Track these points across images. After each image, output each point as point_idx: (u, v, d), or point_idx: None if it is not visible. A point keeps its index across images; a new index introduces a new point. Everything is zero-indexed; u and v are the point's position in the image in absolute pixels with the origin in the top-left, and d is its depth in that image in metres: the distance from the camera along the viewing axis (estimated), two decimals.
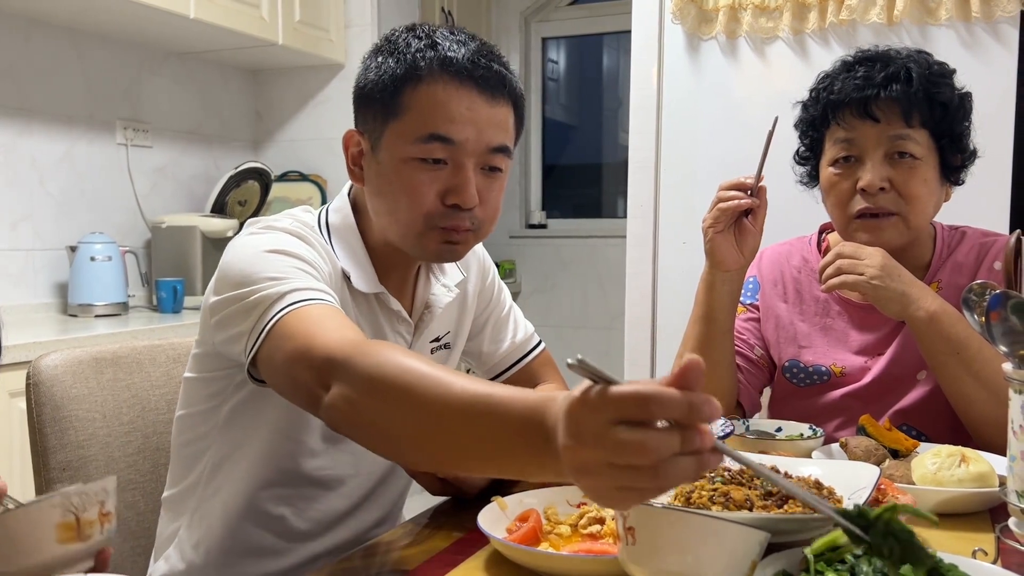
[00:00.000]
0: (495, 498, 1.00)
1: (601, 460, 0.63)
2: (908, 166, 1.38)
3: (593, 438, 0.63)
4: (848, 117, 1.41)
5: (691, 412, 0.62)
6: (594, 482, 0.65)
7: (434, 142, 1.09)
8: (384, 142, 1.12)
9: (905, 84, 1.37)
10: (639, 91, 2.69)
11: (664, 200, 2.67)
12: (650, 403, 0.62)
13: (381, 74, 1.11)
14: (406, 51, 1.11)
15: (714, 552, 0.74)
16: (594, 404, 0.64)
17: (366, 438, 0.89)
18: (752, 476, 0.98)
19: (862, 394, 1.47)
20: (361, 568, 0.93)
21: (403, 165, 1.10)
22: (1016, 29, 2.26)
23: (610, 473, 0.63)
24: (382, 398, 0.84)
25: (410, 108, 1.09)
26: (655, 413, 0.62)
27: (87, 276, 2.71)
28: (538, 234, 4.63)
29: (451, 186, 1.11)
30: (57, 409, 1.27)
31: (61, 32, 2.82)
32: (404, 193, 1.11)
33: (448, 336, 1.32)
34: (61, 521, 0.71)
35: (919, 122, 1.38)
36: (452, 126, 1.09)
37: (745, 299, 1.59)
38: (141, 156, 3.12)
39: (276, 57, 3.37)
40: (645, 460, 0.61)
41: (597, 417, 0.63)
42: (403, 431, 0.84)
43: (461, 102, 1.09)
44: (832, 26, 2.43)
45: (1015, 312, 0.94)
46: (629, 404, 0.62)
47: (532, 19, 4.66)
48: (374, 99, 1.12)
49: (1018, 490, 0.93)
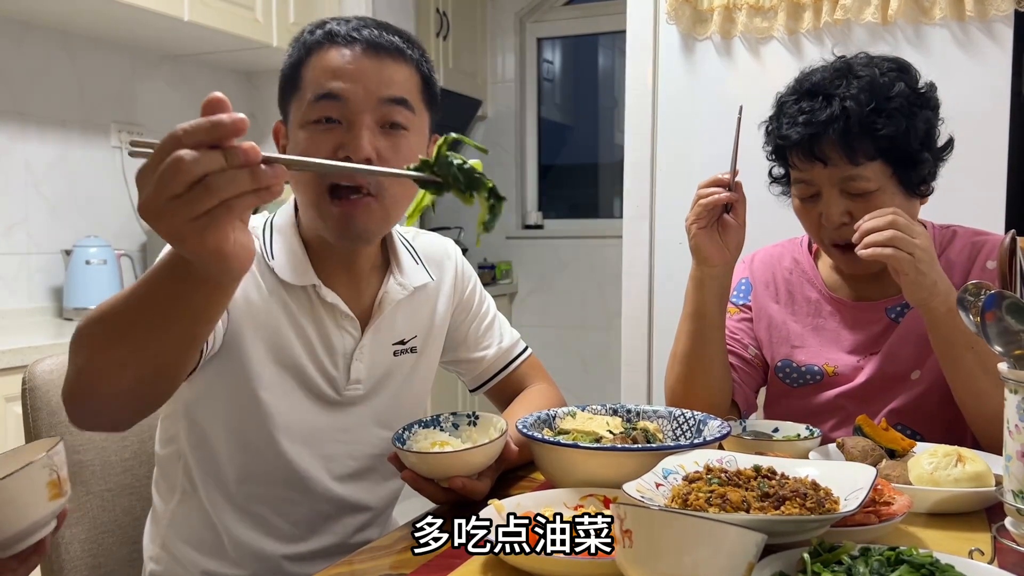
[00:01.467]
0: (492, 501, 0.99)
1: (161, 198, 0.69)
2: (865, 199, 1.37)
3: (147, 185, 0.70)
4: (797, 159, 1.42)
5: (215, 127, 0.70)
6: (169, 223, 0.70)
7: (323, 100, 1.13)
8: (290, 120, 1.18)
9: (843, 125, 1.35)
10: (634, 91, 2.69)
11: (660, 200, 2.68)
12: (176, 133, 0.69)
13: (286, 64, 1.20)
14: (300, 38, 1.20)
15: (711, 554, 0.74)
16: (147, 165, 0.71)
17: (103, 383, 0.89)
18: (749, 478, 0.98)
19: (856, 394, 1.47)
20: (357, 572, 0.93)
21: (300, 131, 1.15)
22: (1010, 28, 2.27)
23: (174, 207, 0.69)
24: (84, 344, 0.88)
25: (304, 81, 1.16)
26: (185, 142, 0.69)
27: (83, 280, 2.70)
28: (535, 235, 4.63)
29: (343, 141, 1.13)
30: (53, 414, 1.27)
31: (54, 35, 2.81)
32: (300, 155, 1.14)
33: (415, 340, 1.31)
34: (49, 479, 0.79)
35: (866, 157, 1.36)
36: (337, 83, 1.13)
37: (737, 300, 1.60)
38: (136, 159, 3.11)
39: (271, 59, 3.36)
40: (187, 175, 0.68)
41: (149, 172, 0.70)
42: (112, 349, 0.86)
43: (345, 60, 1.14)
44: (827, 25, 2.43)
45: (1010, 312, 0.94)
46: (165, 145, 0.70)
47: (527, 19, 4.66)
48: (283, 87, 1.20)
49: (1014, 490, 0.93)
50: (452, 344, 1.40)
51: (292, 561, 1.23)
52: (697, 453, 1.05)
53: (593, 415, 1.25)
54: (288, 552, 1.23)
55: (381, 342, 1.26)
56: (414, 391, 1.33)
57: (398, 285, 1.27)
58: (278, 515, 1.23)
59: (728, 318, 1.55)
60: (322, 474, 1.24)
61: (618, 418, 1.25)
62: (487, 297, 1.46)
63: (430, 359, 1.35)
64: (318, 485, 1.24)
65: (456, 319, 1.40)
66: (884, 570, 0.75)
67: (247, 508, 1.21)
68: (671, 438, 1.21)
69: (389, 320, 1.26)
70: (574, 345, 4.49)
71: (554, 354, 4.39)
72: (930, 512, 1.07)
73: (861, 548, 0.80)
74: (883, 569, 0.75)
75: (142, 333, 0.84)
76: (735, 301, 1.60)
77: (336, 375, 1.23)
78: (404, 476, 1.11)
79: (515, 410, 1.36)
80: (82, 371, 0.90)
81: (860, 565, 0.77)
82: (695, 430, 1.21)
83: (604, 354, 4.32)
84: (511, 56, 4.63)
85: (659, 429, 1.22)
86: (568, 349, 4.49)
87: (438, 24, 4.05)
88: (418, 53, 1.20)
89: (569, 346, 4.50)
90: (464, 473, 1.09)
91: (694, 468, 1.01)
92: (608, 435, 1.18)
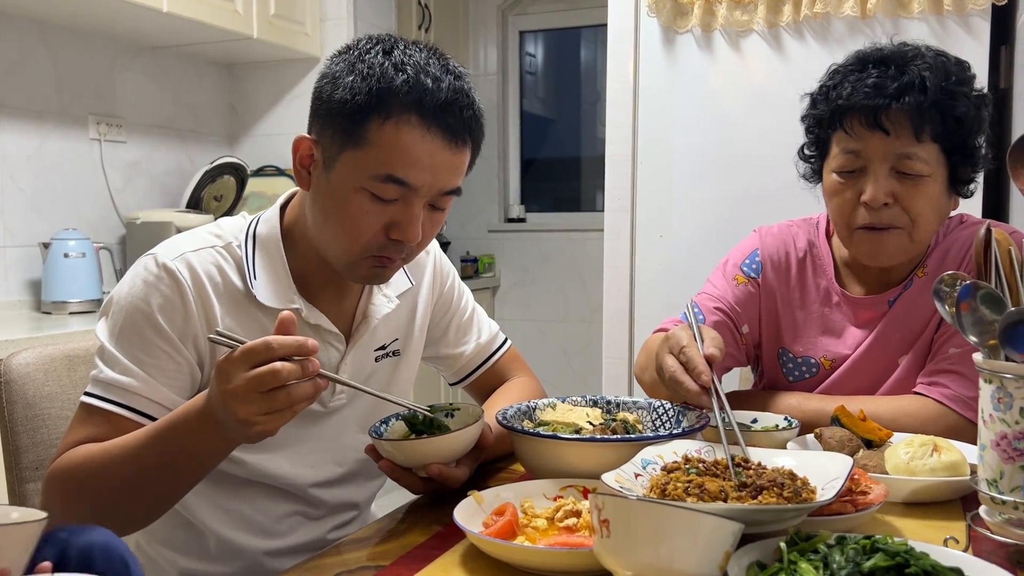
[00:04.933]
0: (471, 492, 0.99)
1: (251, 390, 0.90)
2: (913, 183, 1.33)
3: (241, 379, 0.90)
4: (856, 126, 1.35)
5: (300, 347, 0.91)
6: (247, 411, 0.90)
7: (390, 183, 1.07)
8: (339, 166, 1.09)
9: (919, 95, 1.30)
10: (615, 84, 2.69)
11: (641, 193, 2.68)
12: (272, 345, 0.90)
13: (352, 95, 1.06)
14: (379, 77, 1.06)
15: (688, 543, 0.74)
16: (235, 358, 0.91)
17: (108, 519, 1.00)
18: (726, 467, 0.98)
19: (844, 380, 1.47)
20: (335, 563, 0.93)
21: (354, 194, 1.09)
22: (987, 22, 2.28)
23: (256, 400, 0.90)
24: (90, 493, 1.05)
25: (372, 144, 1.06)
26: (277, 352, 0.90)
27: (61, 273, 2.68)
28: (517, 228, 4.63)
29: (397, 221, 1.10)
30: (29, 408, 1.25)
31: (30, 25, 2.78)
32: (349, 221, 1.10)
33: (396, 344, 1.31)
34: None
35: (930, 137, 1.32)
36: (411, 171, 1.07)
37: (749, 271, 1.54)
38: (115, 151, 3.09)
39: (251, 51, 3.35)
40: (279, 381, 0.89)
41: (239, 365, 0.90)
42: (124, 497, 1.04)
43: (425, 149, 1.07)
44: (807, 19, 2.44)
45: (984, 303, 0.95)
46: (260, 350, 0.90)
47: (509, 12, 4.65)
48: (336, 118, 1.08)
49: (988, 478, 0.94)
50: (432, 340, 1.40)
51: (272, 556, 1.23)
52: (676, 443, 1.05)
53: (573, 406, 1.26)
54: (269, 548, 1.23)
55: (364, 351, 1.26)
56: (396, 392, 1.32)
57: (383, 297, 1.26)
58: (260, 514, 1.22)
59: (734, 286, 1.52)
60: (307, 481, 1.23)
61: (598, 409, 1.25)
62: (466, 291, 1.45)
63: (411, 360, 1.35)
64: (302, 491, 1.24)
65: (436, 315, 1.39)
66: (859, 558, 0.76)
67: (227, 507, 1.21)
68: (650, 429, 1.22)
69: (372, 330, 1.26)
70: (557, 338, 4.50)
71: (537, 347, 4.39)
72: (906, 501, 1.08)
73: (837, 537, 0.80)
74: (858, 557, 0.76)
75: (153, 478, 1.03)
76: (745, 271, 1.54)
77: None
78: (381, 466, 1.11)
79: (495, 402, 1.36)
80: (76, 511, 1.04)
81: (836, 554, 0.77)
82: (674, 421, 1.21)
83: (587, 347, 4.33)
84: (493, 49, 4.62)
85: (639, 420, 1.22)
86: (551, 342, 4.49)
87: (420, 17, 4.03)
88: (482, 129, 1.15)
89: (552, 339, 4.50)
90: (440, 460, 1.09)
91: (673, 458, 1.02)
92: (588, 426, 1.18)
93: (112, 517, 1.04)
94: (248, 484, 1.20)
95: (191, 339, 1.11)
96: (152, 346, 1.09)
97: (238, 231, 1.19)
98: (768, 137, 2.46)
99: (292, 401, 0.91)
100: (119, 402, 1.08)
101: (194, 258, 1.13)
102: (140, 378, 1.08)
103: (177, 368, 1.11)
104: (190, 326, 1.11)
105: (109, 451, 1.03)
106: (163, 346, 1.09)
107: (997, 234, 0.99)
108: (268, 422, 0.92)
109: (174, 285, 1.10)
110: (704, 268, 1.66)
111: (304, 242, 1.18)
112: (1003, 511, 0.93)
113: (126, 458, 1.02)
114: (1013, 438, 0.91)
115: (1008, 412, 0.91)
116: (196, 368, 1.13)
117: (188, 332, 1.11)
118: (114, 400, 1.08)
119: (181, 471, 1.03)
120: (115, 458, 1.02)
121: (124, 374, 1.08)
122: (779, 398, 1.43)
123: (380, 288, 1.26)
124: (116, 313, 1.11)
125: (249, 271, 1.15)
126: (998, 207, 2.32)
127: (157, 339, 1.09)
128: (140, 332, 1.09)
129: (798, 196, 1.58)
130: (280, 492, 1.22)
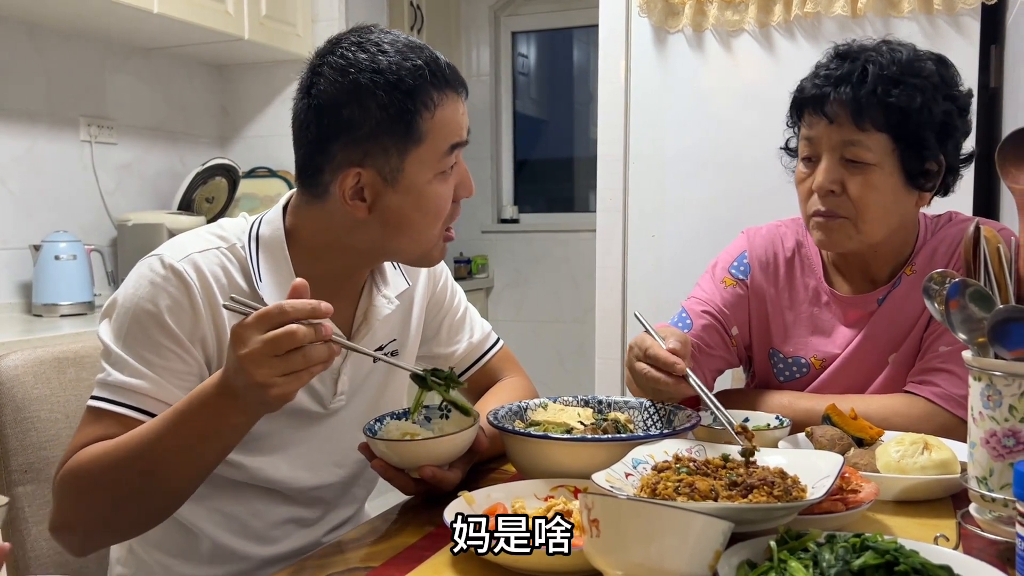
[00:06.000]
0: (462, 493, 0.99)
1: (267, 353, 0.91)
2: (860, 171, 1.35)
3: (257, 342, 0.91)
4: (807, 114, 1.40)
5: (314, 310, 0.93)
6: (266, 373, 0.91)
7: (452, 152, 1.14)
8: (407, 171, 1.11)
9: (857, 85, 1.32)
10: (607, 84, 2.70)
11: (633, 193, 2.68)
12: (286, 309, 0.92)
13: (387, 111, 1.07)
14: (405, 77, 1.08)
15: (678, 543, 0.74)
16: (250, 323, 0.92)
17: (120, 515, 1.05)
18: (717, 467, 0.98)
19: (834, 379, 1.47)
20: (327, 564, 0.93)
21: (429, 186, 1.13)
22: (977, 21, 2.29)
23: (273, 363, 0.91)
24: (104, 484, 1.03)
25: (430, 132, 1.11)
26: (291, 315, 0.92)
27: (52, 275, 2.67)
28: (510, 229, 4.63)
29: (460, 182, 1.17)
30: (18, 410, 1.25)
31: (19, 27, 2.77)
32: (434, 211, 1.14)
33: (394, 344, 1.31)
34: None
35: (873, 126, 1.33)
36: (461, 132, 1.14)
37: (738, 273, 1.55)
38: (106, 153, 3.08)
39: (242, 52, 3.34)
40: (295, 343, 0.91)
41: (254, 329, 0.92)
42: (148, 485, 1.03)
43: (457, 109, 1.14)
44: (797, 19, 2.45)
45: (973, 300, 0.95)
46: (274, 313, 0.92)
47: (501, 13, 4.65)
48: (382, 136, 1.08)
49: (978, 476, 0.95)
50: (424, 339, 1.40)
51: (266, 562, 1.22)
52: (667, 443, 1.05)
53: (564, 406, 1.25)
54: (264, 553, 1.22)
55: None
56: (393, 391, 1.32)
57: (384, 298, 1.26)
58: (256, 519, 1.22)
59: (722, 289, 1.53)
60: (305, 484, 1.23)
61: (589, 409, 1.25)
62: (458, 290, 1.45)
63: (408, 359, 1.34)
64: (301, 494, 1.23)
65: (428, 314, 1.39)
66: (849, 557, 0.76)
67: (223, 511, 1.20)
68: (642, 428, 1.22)
69: (372, 331, 1.26)
70: (550, 338, 4.50)
71: (530, 347, 4.39)
72: (897, 499, 1.08)
73: (827, 535, 0.80)
74: (848, 556, 0.76)
75: (172, 463, 1.01)
76: (733, 273, 1.55)
77: (323, 391, 1.21)
78: (374, 465, 1.11)
79: (487, 402, 1.36)
80: (93, 508, 1.05)
81: (826, 552, 0.77)
82: (665, 420, 1.21)
83: (580, 347, 4.33)
84: (485, 50, 4.62)
85: (630, 420, 1.22)
86: (544, 342, 4.49)
87: (412, 17, 4.03)
88: None
89: (545, 339, 4.50)
90: (434, 462, 1.08)
91: (663, 458, 1.02)
92: (579, 426, 1.18)
93: (128, 512, 1.04)
94: (246, 488, 1.20)
95: (199, 340, 1.11)
96: (161, 347, 1.08)
97: (241, 232, 1.19)
98: (759, 137, 2.45)
99: (308, 362, 0.92)
100: (129, 404, 1.06)
101: (200, 259, 1.13)
102: (150, 379, 1.07)
103: (187, 369, 1.10)
104: (199, 327, 1.10)
105: (125, 443, 1.02)
106: (172, 347, 1.09)
107: (986, 231, 0.99)
108: (286, 384, 0.92)
109: (182, 286, 1.10)
110: (696, 268, 1.67)
111: (309, 245, 1.18)
112: (993, 508, 0.93)
113: (143, 447, 1.00)
114: (1002, 435, 0.92)
115: (997, 409, 0.92)
116: (205, 369, 1.12)
117: (197, 333, 1.10)
118: (124, 402, 1.06)
119: (200, 453, 1.02)
120: (131, 449, 1.01)
121: (133, 376, 1.07)
122: (770, 397, 1.44)
123: (380, 289, 1.26)
124: (122, 315, 1.10)
125: (255, 272, 1.15)
126: (988, 205, 2.33)
127: (166, 340, 1.08)
128: (148, 333, 1.08)
129: (789, 196, 1.58)
130: (278, 496, 1.22)
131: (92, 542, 1.11)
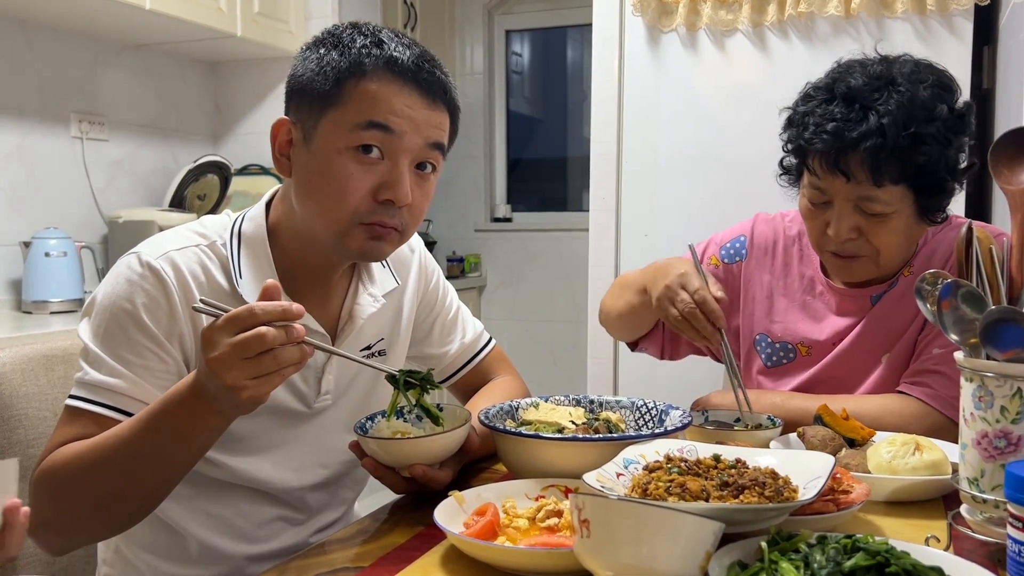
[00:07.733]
0: (452, 492, 0.99)
1: (236, 356, 0.89)
2: (877, 219, 1.34)
3: (226, 345, 0.89)
4: (818, 167, 1.35)
5: (285, 312, 0.90)
6: (235, 376, 0.89)
7: (372, 129, 1.08)
8: (320, 131, 1.10)
9: (876, 145, 1.27)
10: (601, 83, 2.70)
11: (626, 192, 2.69)
12: (255, 311, 0.89)
13: (323, 66, 1.09)
14: (351, 46, 1.09)
15: (668, 543, 0.74)
16: (219, 326, 0.90)
17: (95, 514, 1.04)
18: (709, 467, 0.98)
19: (826, 375, 1.48)
20: (315, 565, 0.92)
21: (337, 156, 1.08)
22: (970, 22, 2.30)
23: (243, 365, 0.89)
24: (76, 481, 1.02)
25: (351, 98, 1.08)
26: (261, 317, 0.89)
27: (42, 272, 2.65)
28: (504, 228, 4.62)
29: (386, 181, 1.09)
30: (6, 408, 1.24)
31: (11, 23, 2.76)
32: (336, 185, 1.08)
33: (381, 343, 1.30)
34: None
35: (892, 181, 1.30)
36: (392, 117, 1.08)
37: (726, 256, 1.57)
38: (97, 150, 3.07)
39: (235, 49, 3.33)
40: (265, 345, 0.88)
41: (224, 332, 0.90)
42: (121, 483, 1.02)
43: (403, 100, 1.09)
44: (791, 18, 2.45)
45: (965, 301, 0.95)
46: (243, 316, 0.89)
47: (495, 12, 4.64)
48: (312, 89, 1.10)
49: (969, 477, 0.94)
50: (416, 339, 1.39)
51: (254, 561, 1.22)
52: (658, 443, 1.05)
53: (556, 406, 1.25)
54: (251, 552, 1.22)
55: (350, 351, 1.24)
56: (381, 391, 1.31)
57: (369, 296, 1.25)
58: (242, 519, 1.21)
59: (708, 265, 1.56)
60: (291, 485, 1.22)
61: (581, 408, 1.25)
62: (450, 290, 1.44)
63: (397, 359, 1.34)
64: (286, 495, 1.23)
65: (420, 314, 1.38)
66: (840, 558, 0.75)
67: (209, 512, 1.19)
68: (633, 428, 1.22)
69: (358, 330, 1.24)
70: (543, 338, 4.50)
71: (523, 347, 4.39)
72: (888, 500, 1.08)
73: (818, 536, 0.80)
74: (839, 557, 0.76)
75: (148, 464, 1.00)
76: (722, 255, 1.58)
77: (307, 391, 1.21)
78: (364, 464, 1.10)
79: (478, 401, 1.36)
80: (69, 508, 1.03)
81: (817, 553, 0.77)
82: (657, 420, 1.21)
83: (573, 346, 4.32)
84: (479, 48, 4.61)
85: (622, 419, 1.22)
86: (537, 342, 4.49)
87: (405, 16, 4.02)
88: (457, 99, 1.17)
89: (538, 339, 4.50)
90: (424, 461, 1.08)
91: (655, 458, 1.01)
92: (571, 425, 1.17)
93: (105, 512, 1.03)
94: (230, 488, 1.19)
95: (177, 338, 1.10)
96: (138, 345, 1.08)
97: (222, 229, 1.18)
98: (753, 136, 2.46)
99: (279, 365, 0.90)
100: (106, 403, 1.06)
101: (178, 257, 1.12)
102: (127, 379, 1.06)
103: (164, 368, 1.09)
104: (176, 325, 1.10)
105: (101, 443, 1.01)
106: (149, 345, 1.08)
107: (978, 233, 0.99)
108: (256, 386, 0.91)
109: (159, 284, 1.09)
110: None
111: (290, 240, 1.17)
112: (984, 510, 0.93)
113: (119, 447, 1.00)
114: (994, 437, 0.92)
115: (989, 411, 0.91)
116: (183, 367, 1.11)
117: (174, 331, 1.10)
118: (101, 402, 1.06)
119: (176, 454, 1.01)
120: (107, 449, 1.00)
121: (110, 375, 1.06)
122: (762, 397, 1.44)
123: (366, 287, 1.25)
124: (99, 313, 1.10)
125: (235, 270, 1.14)
126: (980, 206, 2.34)
127: (143, 338, 1.08)
128: (125, 332, 1.08)
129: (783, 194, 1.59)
130: (263, 496, 1.21)
131: (69, 542, 1.10)
